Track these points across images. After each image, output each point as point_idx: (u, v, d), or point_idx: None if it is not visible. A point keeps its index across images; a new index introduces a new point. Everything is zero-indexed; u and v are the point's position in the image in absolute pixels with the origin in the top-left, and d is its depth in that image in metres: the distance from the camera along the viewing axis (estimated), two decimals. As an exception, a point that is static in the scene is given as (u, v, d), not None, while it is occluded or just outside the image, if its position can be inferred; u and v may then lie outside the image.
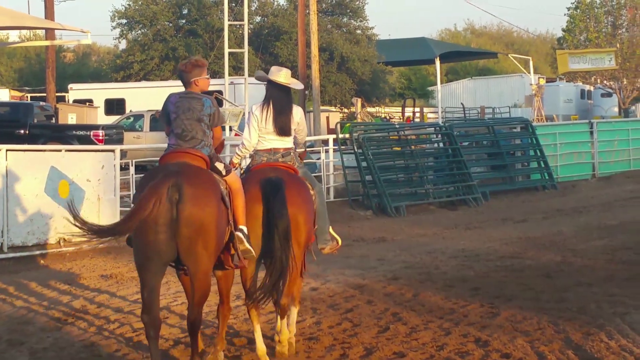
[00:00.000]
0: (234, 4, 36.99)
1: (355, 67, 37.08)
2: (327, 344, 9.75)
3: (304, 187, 9.29)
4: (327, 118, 36.77)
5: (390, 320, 10.79)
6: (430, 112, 49.61)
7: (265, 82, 9.58)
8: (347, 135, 24.15)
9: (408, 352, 9.36)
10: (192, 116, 8.42)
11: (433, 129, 29.02)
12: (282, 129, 9.38)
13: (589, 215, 20.98)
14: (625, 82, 48.80)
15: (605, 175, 29.77)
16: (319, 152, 23.67)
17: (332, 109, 39.64)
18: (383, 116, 42.76)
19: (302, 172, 9.62)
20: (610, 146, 30.67)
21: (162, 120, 8.79)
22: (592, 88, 54.49)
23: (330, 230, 9.96)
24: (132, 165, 19.43)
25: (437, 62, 39.27)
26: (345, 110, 39.74)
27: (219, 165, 8.52)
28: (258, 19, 41.81)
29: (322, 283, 13.08)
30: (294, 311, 9.62)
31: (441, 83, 43.91)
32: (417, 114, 43.06)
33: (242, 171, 9.61)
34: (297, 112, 9.61)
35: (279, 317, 9.13)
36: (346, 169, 23.23)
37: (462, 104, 47.21)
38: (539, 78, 49.51)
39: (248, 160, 9.81)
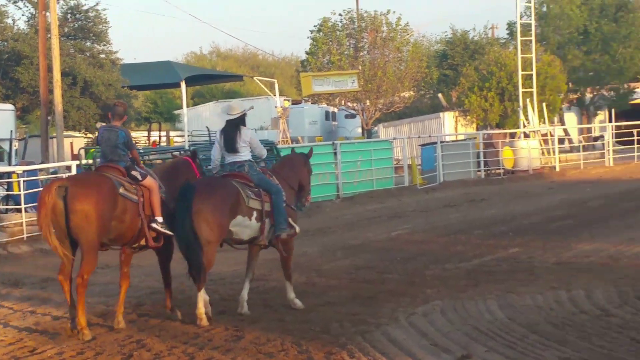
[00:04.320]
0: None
1: (100, 91, 36.38)
2: (70, 375, 9.57)
3: (221, 190, 12.21)
4: (71, 143, 36.00)
5: (134, 348, 10.74)
6: (177, 136, 49.36)
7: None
8: (90, 161, 23.74)
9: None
10: (109, 143, 12.18)
11: (178, 152, 28.90)
12: (231, 147, 12.85)
13: (334, 236, 21.46)
14: (367, 103, 50.08)
15: (349, 195, 30.49)
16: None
17: (77, 134, 38.81)
18: (129, 140, 42.18)
19: (256, 178, 12.73)
20: (354, 167, 31.46)
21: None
22: (336, 109, 55.61)
23: (290, 220, 12.80)
24: None
25: (183, 85, 39.08)
26: (90, 135, 38.98)
27: (135, 173, 11.97)
28: (-2, 43, 40.61)
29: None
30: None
31: (187, 106, 43.85)
32: (164, 138, 42.80)
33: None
34: (245, 133, 12.96)
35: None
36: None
37: (207, 127, 47.24)
38: (284, 100, 50.22)
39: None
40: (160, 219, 12.00)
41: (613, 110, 54.70)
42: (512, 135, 41.09)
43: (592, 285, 13.52)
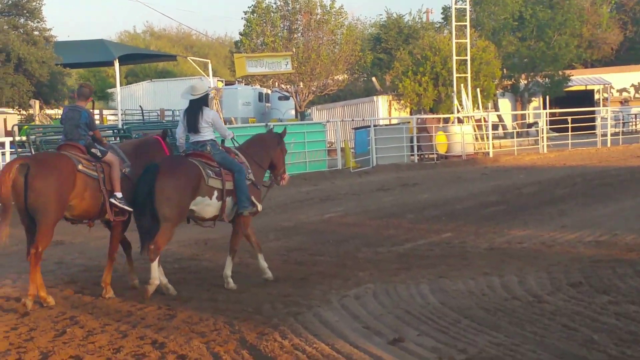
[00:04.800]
0: None
1: (33, 68, 35.88)
2: (3, 349, 9.56)
3: (184, 170, 12.46)
4: (5, 120, 35.53)
5: (67, 324, 10.71)
6: (110, 115, 48.95)
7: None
8: (24, 138, 23.38)
9: (84, 355, 9.30)
10: (72, 123, 12.58)
11: (111, 131, 28.57)
12: (193, 127, 13.11)
13: (266, 217, 21.26)
14: (301, 86, 50.01)
15: (282, 177, 30.29)
16: None
17: (10, 111, 38.26)
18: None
19: (218, 157, 12.98)
20: (287, 149, 31.26)
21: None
22: (269, 91, 55.43)
23: (252, 198, 13.09)
24: None
25: (116, 64, 38.72)
26: (24, 112, 38.49)
27: (95, 151, 12.39)
28: None
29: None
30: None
31: (121, 85, 43.41)
32: (97, 116, 42.32)
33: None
34: (207, 114, 13.15)
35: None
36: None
37: (140, 106, 46.77)
38: (217, 81, 49.93)
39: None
40: (119, 194, 12.40)
41: (547, 97, 55.31)
42: (446, 120, 41.29)
43: (524, 271, 13.52)
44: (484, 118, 42.10)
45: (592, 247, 15.79)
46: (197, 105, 13.21)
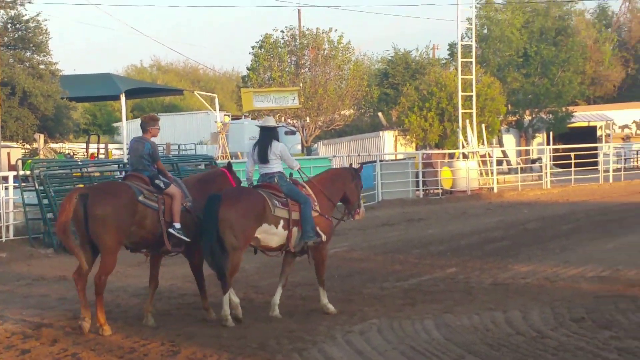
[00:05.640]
0: None
1: (38, 102, 36.01)
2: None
3: (246, 198, 12.91)
4: (9, 154, 35.62)
5: None
6: (116, 149, 49.06)
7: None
8: (28, 172, 23.48)
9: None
10: (136, 154, 13.07)
11: (117, 165, 28.69)
12: (262, 158, 13.67)
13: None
14: (308, 121, 50.17)
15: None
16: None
17: (14, 145, 38.39)
18: (67, 152, 41.86)
19: (285, 189, 13.45)
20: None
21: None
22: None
23: (318, 229, 13.52)
24: None
25: (123, 98, 38.82)
26: (28, 146, 38.61)
27: (158, 182, 12.81)
28: None
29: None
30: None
31: (127, 119, 43.50)
32: (102, 151, 42.44)
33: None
34: (276, 147, 13.70)
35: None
36: (27, 207, 22.56)
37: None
38: (224, 115, 50.10)
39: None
40: (178, 225, 12.77)
41: (551, 133, 55.39)
42: (451, 156, 41.38)
43: (528, 306, 13.58)
44: (489, 154, 42.23)
45: (594, 283, 15.86)
46: (268, 138, 13.79)
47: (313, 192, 13.92)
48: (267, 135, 13.87)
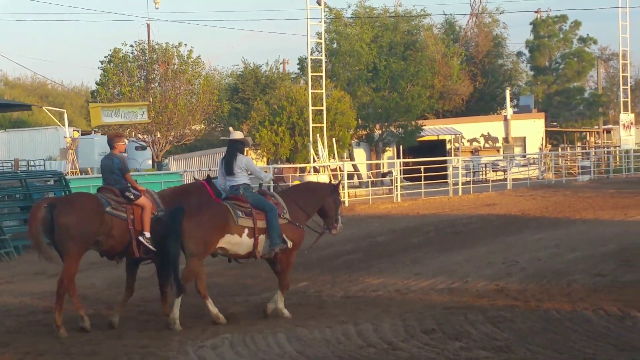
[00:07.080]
0: None
1: None
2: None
3: (208, 210, 13.82)
4: None
5: None
6: (-39, 165, 47.75)
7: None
8: None
9: None
10: (107, 169, 14.16)
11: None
12: (228, 170, 14.56)
13: (123, 268, 21.05)
14: (158, 135, 49.72)
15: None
16: None
17: None
18: None
19: (251, 199, 14.27)
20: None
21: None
22: (126, 141, 54.82)
23: (283, 235, 14.32)
24: None
25: (-33, 113, 38.11)
26: None
27: (129, 194, 13.81)
28: None
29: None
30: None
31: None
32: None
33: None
34: (241, 160, 14.58)
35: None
36: None
37: (-6, 156, 45.83)
38: (73, 131, 49.26)
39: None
40: (147, 234, 13.83)
41: (401, 147, 56.18)
42: (302, 170, 41.56)
43: (379, 318, 13.74)
44: (340, 167, 42.57)
45: (444, 294, 16.15)
46: (234, 151, 14.73)
47: (284, 201, 14.70)
48: (234, 148, 14.74)
